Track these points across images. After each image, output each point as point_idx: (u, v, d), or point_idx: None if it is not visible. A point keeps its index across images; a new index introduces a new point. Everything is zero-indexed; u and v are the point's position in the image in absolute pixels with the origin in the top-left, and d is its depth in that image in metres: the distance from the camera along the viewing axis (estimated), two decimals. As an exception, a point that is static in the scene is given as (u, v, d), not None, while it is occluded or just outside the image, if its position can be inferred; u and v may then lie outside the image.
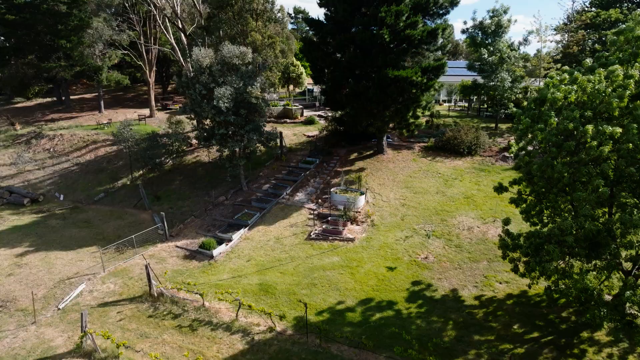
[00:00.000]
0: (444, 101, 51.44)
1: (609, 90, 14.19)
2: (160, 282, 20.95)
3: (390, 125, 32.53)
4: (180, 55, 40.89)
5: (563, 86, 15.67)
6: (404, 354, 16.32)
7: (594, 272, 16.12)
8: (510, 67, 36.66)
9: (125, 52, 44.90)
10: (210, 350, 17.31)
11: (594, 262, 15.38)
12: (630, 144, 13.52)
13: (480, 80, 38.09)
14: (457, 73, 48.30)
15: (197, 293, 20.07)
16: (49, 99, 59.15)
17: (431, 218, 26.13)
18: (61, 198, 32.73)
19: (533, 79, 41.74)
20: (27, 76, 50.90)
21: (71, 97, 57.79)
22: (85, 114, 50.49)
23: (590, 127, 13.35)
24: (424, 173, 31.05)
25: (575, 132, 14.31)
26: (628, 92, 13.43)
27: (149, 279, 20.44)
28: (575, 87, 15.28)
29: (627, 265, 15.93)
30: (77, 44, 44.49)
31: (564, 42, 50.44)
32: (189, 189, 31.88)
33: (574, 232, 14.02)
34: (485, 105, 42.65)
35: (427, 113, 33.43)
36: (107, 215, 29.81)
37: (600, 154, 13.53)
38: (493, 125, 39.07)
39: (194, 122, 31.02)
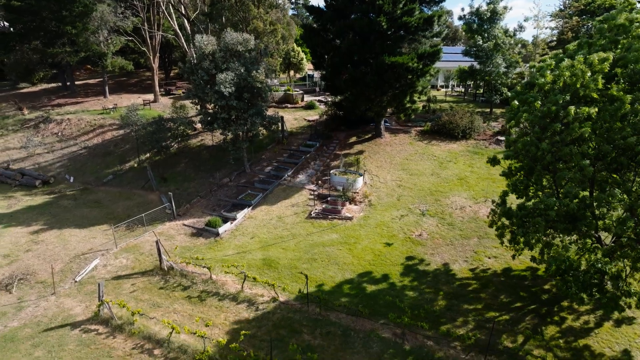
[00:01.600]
0: (442, 86, 52.37)
1: (587, 75, 15.30)
2: (170, 257, 22.33)
3: (388, 110, 33.64)
4: (183, 42, 41.80)
5: (548, 72, 16.80)
6: (397, 320, 17.73)
7: (575, 247, 17.47)
8: (506, 53, 37.59)
9: (130, 38, 45.76)
10: (218, 318, 18.73)
11: (574, 237, 16.67)
12: (607, 124, 14.72)
13: (476, 66, 39.04)
14: (454, 59, 49.16)
15: (204, 267, 21.46)
16: (53, 85, 60.03)
17: (426, 198, 27.41)
18: (71, 180, 34.01)
19: (528, 65, 42.62)
20: (32, 62, 51.76)
21: (75, 82, 58.65)
22: (90, 99, 51.47)
23: (572, 109, 14.52)
24: (420, 156, 32.26)
25: (560, 114, 15.47)
26: (601, 75, 14.55)
27: (160, 254, 21.80)
28: (558, 72, 16.41)
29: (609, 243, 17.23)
30: (82, 30, 45.30)
31: (559, 28, 51.15)
32: (194, 171, 33.14)
33: (556, 208, 15.29)
34: (481, 91, 43.67)
35: (423, 98, 34.51)
36: (116, 196, 31.13)
37: (582, 135, 14.72)
38: (488, 110, 40.14)
39: (198, 106, 32.12)
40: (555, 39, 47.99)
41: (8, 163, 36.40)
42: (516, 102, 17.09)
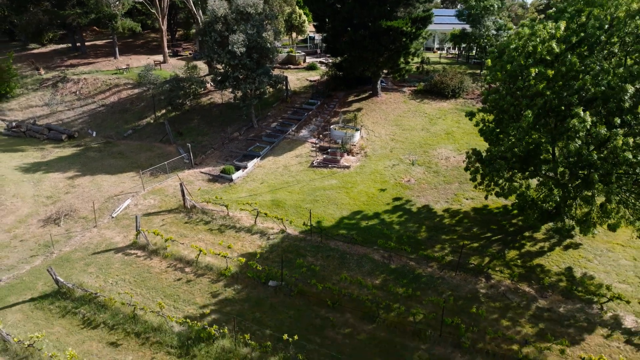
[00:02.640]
0: (437, 49, 54.73)
1: (547, 41, 18.31)
2: (192, 197, 25.86)
3: (384, 70, 36.47)
4: (192, 4, 43.98)
5: (517, 39, 19.80)
6: (385, 245, 21.45)
7: (533, 184, 21.01)
8: (496, 16, 39.99)
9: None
10: (236, 245, 22.44)
11: (529, 174, 20.15)
12: (560, 82, 17.86)
13: (468, 29, 41.50)
14: (449, 22, 51.35)
15: (222, 205, 25.05)
16: (63, 45, 62.09)
17: (416, 150, 30.75)
18: (94, 134, 37.22)
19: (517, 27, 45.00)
20: (42, 22, 53.82)
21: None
22: (100, 60, 53.88)
23: (533, 70, 17.63)
24: (412, 113, 35.39)
25: (523, 74, 18.55)
26: (554, 40, 17.59)
27: (183, 195, 25.33)
28: (526, 37, 19.40)
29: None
30: (93, -8, 47.26)
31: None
32: (206, 126, 36.33)
33: (515, 150, 18.67)
34: (473, 53, 46.20)
35: (416, 60, 37.26)
36: (137, 148, 34.45)
37: (537, 90, 17.88)
38: (479, 71, 42.86)
39: (207, 67, 34.78)
40: (544, 2, 50.03)
41: (34, 119, 39.49)
42: (490, 61, 20.24)
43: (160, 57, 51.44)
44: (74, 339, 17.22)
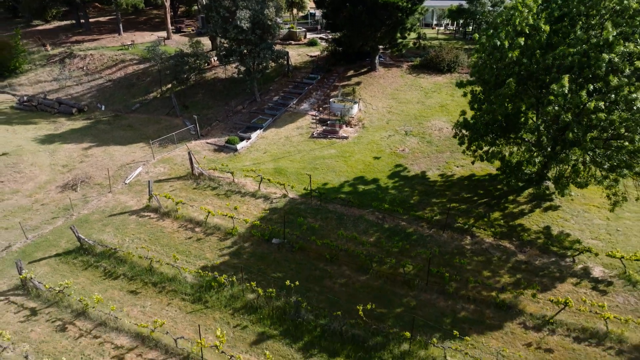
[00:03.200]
0: (435, 25, 55.59)
1: (524, 13, 19.69)
2: (200, 165, 27.56)
3: (382, 45, 37.69)
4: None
5: (503, 14, 21.22)
6: (379, 207, 23.25)
7: (515, 150, 22.68)
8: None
9: (142, -24, 48.60)
10: (242, 208, 24.24)
11: (511, 140, 21.80)
12: (538, 51, 19.31)
13: (465, 5, 42.50)
14: (448, -2, 52.08)
15: (228, 172, 26.77)
16: (67, 22, 63.00)
17: (411, 122, 32.29)
18: (103, 108, 38.73)
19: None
20: (46, -1, 54.81)
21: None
22: (105, 36, 54.90)
23: (506, 41, 19.09)
24: (409, 87, 36.79)
25: (500, 45, 20.00)
26: (531, 13, 19.03)
27: (191, 163, 27.02)
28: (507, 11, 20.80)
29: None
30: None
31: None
32: (211, 100, 37.80)
33: (497, 116, 20.26)
34: (470, 29, 47.20)
35: (413, 35, 38.42)
36: (145, 121, 36.03)
37: (512, 59, 19.33)
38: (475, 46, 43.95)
39: (210, 43, 35.93)
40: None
41: (44, 94, 40.95)
42: (477, 36, 21.68)
43: (163, 34, 52.46)
44: (98, 287, 19.17)
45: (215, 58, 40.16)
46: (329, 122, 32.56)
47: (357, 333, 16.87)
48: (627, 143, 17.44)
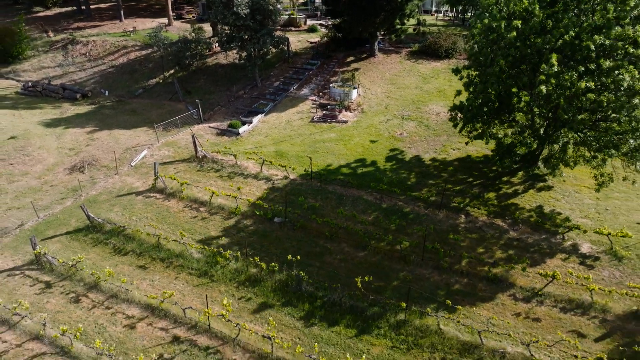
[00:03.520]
0: (435, 11, 55.97)
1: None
2: (203, 148, 28.33)
3: (381, 31, 38.24)
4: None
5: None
6: (378, 188, 24.07)
7: (509, 131, 23.44)
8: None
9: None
10: (244, 189, 25.06)
11: (505, 122, 22.56)
12: (532, 36, 19.99)
13: (463, -9, 42.94)
14: (447, -16, 52.37)
15: (231, 155, 27.55)
16: (68, 9, 63.23)
17: (409, 106, 32.99)
18: (106, 93, 39.37)
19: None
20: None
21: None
22: (106, 22, 55.22)
23: (502, 22, 19.76)
24: (407, 72, 37.42)
25: (495, 27, 20.67)
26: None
27: (195, 146, 27.78)
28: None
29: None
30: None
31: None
32: (212, 85, 38.44)
33: (490, 96, 20.99)
34: (469, 15, 47.61)
35: (412, 21, 38.91)
36: (148, 106, 36.70)
37: (509, 40, 20.00)
38: (473, 33, 44.47)
39: (211, 29, 36.45)
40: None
41: (49, 80, 41.54)
42: (472, 19, 22.34)
43: (164, 20, 52.80)
44: (108, 263, 20.06)
45: (217, 44, 40.68)
46: (328, 106, 33.24)
47: (356, 304, 17.80)
48: (614, 124, 18.21)
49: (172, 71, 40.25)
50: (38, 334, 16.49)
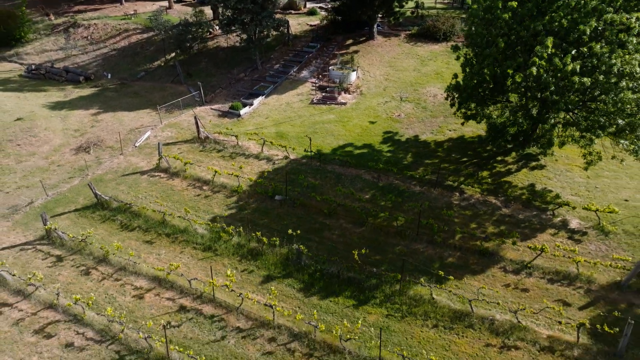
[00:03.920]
0: (435, -6, 55.92)
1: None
2: (205, 129, 29.00)
3: (380, 14, 38.57)
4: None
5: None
6: (375, 167, 24.81)
7: (499, 111, 24.12)
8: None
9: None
10: (246, 168, 25.80)
11: (500, 105, 23.21)
12: (527, 20, 20.52)
13: (462, -26, 43.04)
14: (447, -34, 52.34)
15: (232, 135, 28.23)
16: (68, -8, 63.24)
17: (407, 89, 33.54)
18: (109, 76, 39.88)
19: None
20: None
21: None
22: (107, 5, 55.28)
23: (499, 2, 20.28)
24: (406, 55, 37.86)
25: (493, 9, 21.18)
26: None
27: (197, 127, 28.46)
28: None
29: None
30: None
31: None
32: (213, 68, 38.92)
33: (485, 77, 21.59)
34: (468, -2, 47.72)
35: (411, 4, 39.20)
36: (150, 88, 37.26)
37: (504, 21, 20.53)
38: (472, 15, 44.70)
39: (212, 12, 36.78)
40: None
41: (51, 63, 42.01)
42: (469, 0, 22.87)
43: (165, 3, 52.92)
44: (115, 238, 20.91)
45: (218, 27, 41.05)
46: (328, 89, 33.80)
47: (354, 276, 18.69)
48: (602, 105, 18.87)
49: (173, 54, 40.69)
50: (52, 303, 17.41)
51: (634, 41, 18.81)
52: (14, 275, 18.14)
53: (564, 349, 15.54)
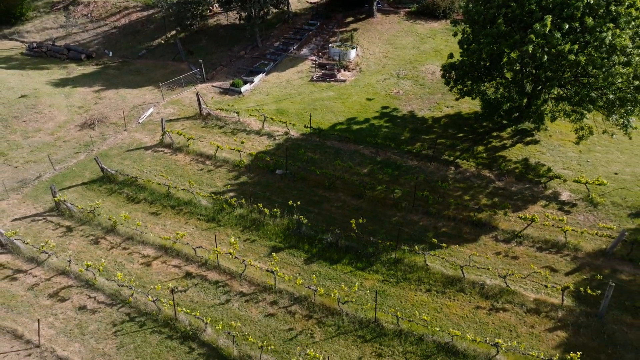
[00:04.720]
0: (435, -29, 55.66)
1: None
2: (207, 106, 29.56)
3: (380, -9, 38.70)
4: None
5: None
6: (373, 142, 25.48)
7: (493, 88, 24.65)
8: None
9: None
10: (247, 144, 26.45)
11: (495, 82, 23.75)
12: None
13: (462, -50, 42.89)
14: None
15: (234, 112, 28.79)
16: (66, -31, 62.88)
17: (405, 66, 33.94)
18: (110, 54, 40.19)
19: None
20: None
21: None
22: (106, -17, 55.21)
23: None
24: (405, 33, 38.11)
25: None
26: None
27: (199, 103, 29.00)
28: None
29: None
30: None
31: None
32: (214, 46, 39.22)
33: (482, 55, 22.08)
34: (468, -25, 47.64)
35: (410, -19, 39.23)
36: (152, 66, 37.63)
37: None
38: (471, -7, 44.74)
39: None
40: None
41: (53, 40, 42.24)
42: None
43: (164, -19, 52.84)
44: (122, 210, 21.71)
45: (217, 4, 41.17)
46: (327, 66, 34.20)
47: (352, 245, 19.53)
48: (593, 80, 19.42)
49: (174, 32, 40.92)
50: (64, 269, 18.31)
51: (624, 13, 19.17)
52: (27, 243, 18.98)
53: (549, 311, 16.46)
